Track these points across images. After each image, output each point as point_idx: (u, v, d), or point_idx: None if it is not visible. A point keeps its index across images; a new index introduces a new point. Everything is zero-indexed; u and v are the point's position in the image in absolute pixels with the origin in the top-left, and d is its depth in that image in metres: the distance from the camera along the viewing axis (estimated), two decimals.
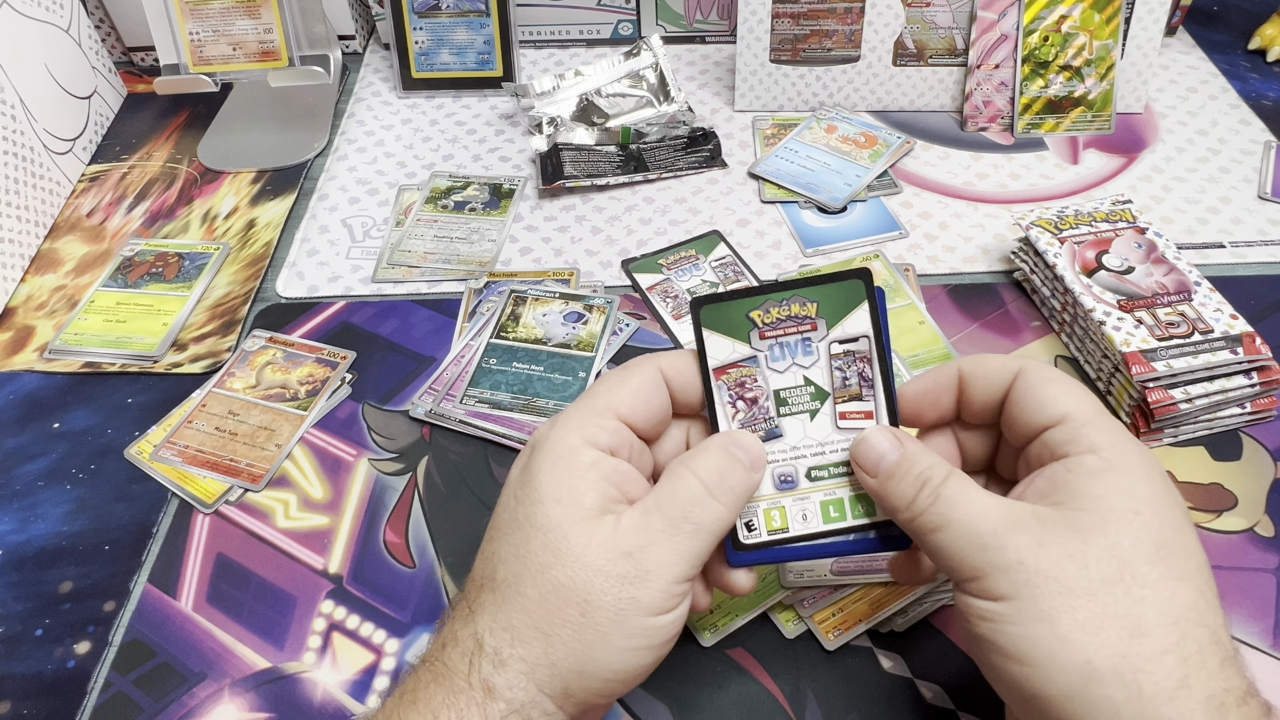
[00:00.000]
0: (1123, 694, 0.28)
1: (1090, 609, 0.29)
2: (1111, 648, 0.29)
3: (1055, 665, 0.29)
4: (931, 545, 0.33)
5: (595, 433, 0.35)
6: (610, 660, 0.33)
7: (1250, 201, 0.65)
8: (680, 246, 0.64)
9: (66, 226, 0.69)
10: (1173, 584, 0.30)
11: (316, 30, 0.78)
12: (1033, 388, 0.34)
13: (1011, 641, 0.30)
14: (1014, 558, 0.30)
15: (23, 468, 0.53)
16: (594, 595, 0.32)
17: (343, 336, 0.59)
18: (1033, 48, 0.69)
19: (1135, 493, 0.31)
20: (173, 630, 0.45)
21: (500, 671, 0.33)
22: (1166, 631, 0.29)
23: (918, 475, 0.33)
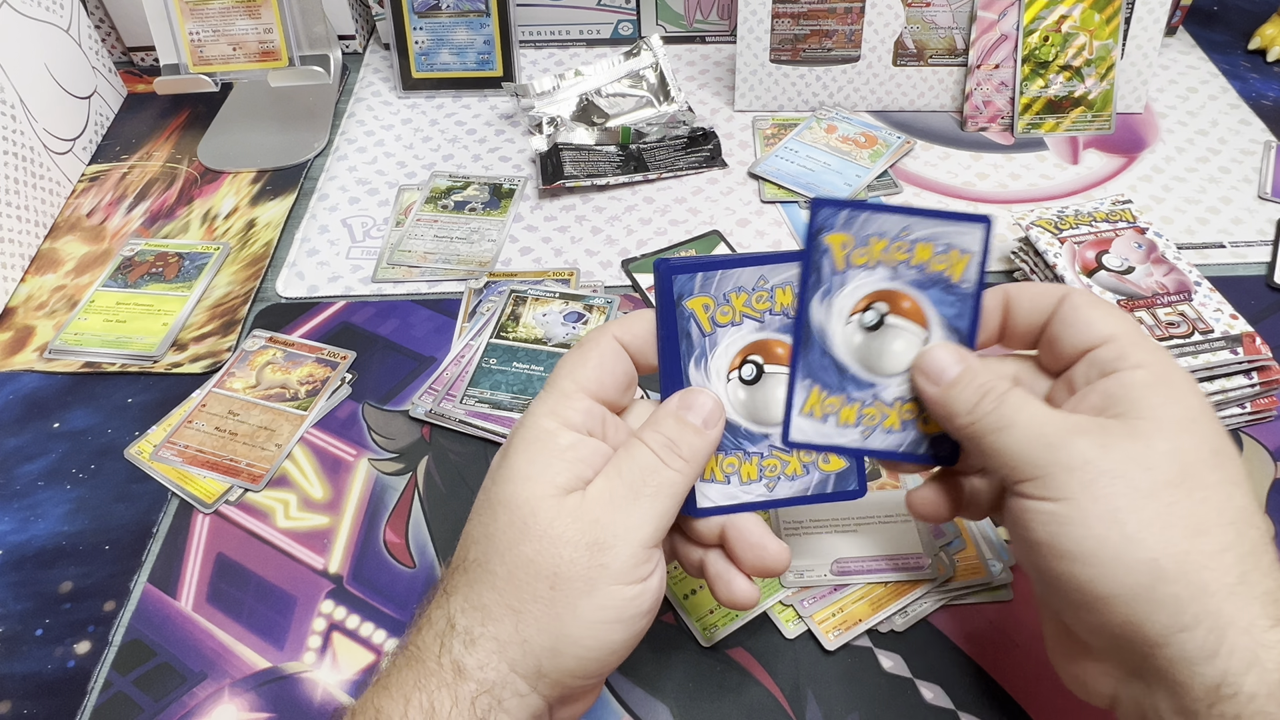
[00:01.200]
0: (1188, 590, 0.29)
1: (1155, 509, 0.30)
2: (1176, 546, 0.29)
3: (1122, 564, 0.29)
4: (991, 446, 0.33)
5: (570, 414, 0.34)
6: (582, 635, 0.33)
7: (1250, 201, 0.65)
8: (680, 246, 0.64)
9: (66, 226, 0.69)
10: (1229, 488, 0.30)
11: (316, 30, 0.78)
12: (1078, 308, 0.35)
13: (1077, 542, 0.30)
14: (1080, 457, 0.31)
15: (23, 468, 0.53)
16: (562, 567, 0.32)
17: (343, 336, 0.59)
18: (1033, 48, 0.70)
19: (1189, 403, 0.32)
20: (173, 630, 0.45)
21: (471, 651, 0.33)
22: (1224, 531, 0.30)
23: (980, 384, 0.34)
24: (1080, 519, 0.30)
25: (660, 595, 0.34)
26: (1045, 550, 0.31)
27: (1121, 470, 0.30)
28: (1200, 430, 0.31)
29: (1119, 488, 0.30)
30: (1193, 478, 0.30)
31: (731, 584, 0.36)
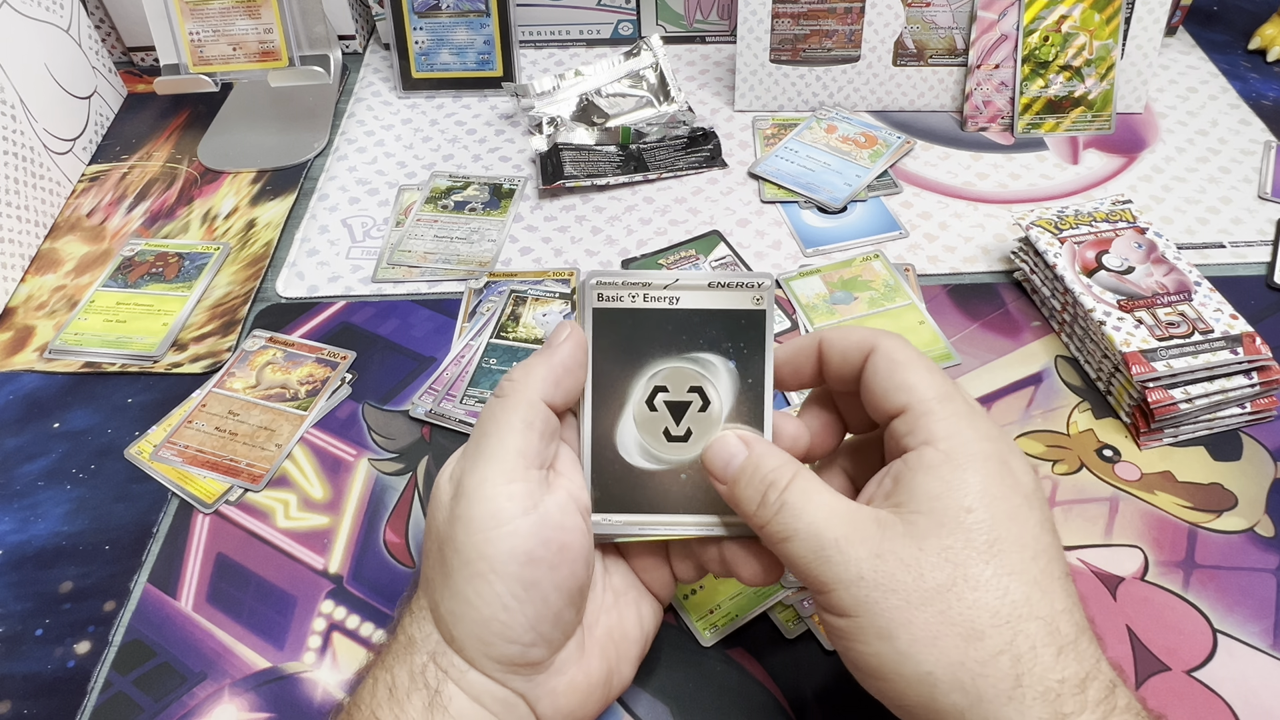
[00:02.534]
0: (965, 700, 0.29)
1: (926, 620, 0.29)
2: (949, 656, 0.29)
3: (901, 679, 0.30)
4: (783, 555, 0.33)
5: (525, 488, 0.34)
6: (464, 589, 0.33)
7: (1250, 201, 0.65)
8: (680, 246, 0.64)
9: (66, 226, 0.69)
10: (1005, 580, 0.30)
11: (316, 30, 0.78)
12: (879, 373, 0.34)
13: (861, 658, 0.31)
14: (854, 572, 0.30)
15: (23, 468, 0.53)
16: (440, 529, 0.34)
17: (343, 336, 0.59)
18: (1033, 48, 0.70)
19: (968, 487, 0.31)
20: (173, 630, 0.45)
21: (415, 620, 0.35)
22: (999, 633, 0.29)
23: (763, 479, 0.33)
24: (861, 635, 0.31)
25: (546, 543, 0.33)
26: (846, 662, 0.32)
27: (894, 583, 0.30)
28: (975, 520, 0.30)
29: (892, 602, 0.30)
30: (964, 578, 0.30)
31: (753, 561, 0.36)
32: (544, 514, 0.33)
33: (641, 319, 0.36)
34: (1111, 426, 0.52)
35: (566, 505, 0.34)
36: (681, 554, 0.39)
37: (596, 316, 0.36)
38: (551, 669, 0.35)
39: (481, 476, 0.33)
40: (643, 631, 0.39)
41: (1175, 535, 0.47)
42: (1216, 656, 0.42)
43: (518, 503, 0.33)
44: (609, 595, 0.38)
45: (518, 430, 0.34)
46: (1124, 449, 0.50)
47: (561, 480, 0.35)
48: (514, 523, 0.33)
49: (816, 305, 0.59)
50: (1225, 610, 0.44)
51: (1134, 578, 0.45)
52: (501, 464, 0.33)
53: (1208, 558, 0.46)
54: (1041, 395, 0.53)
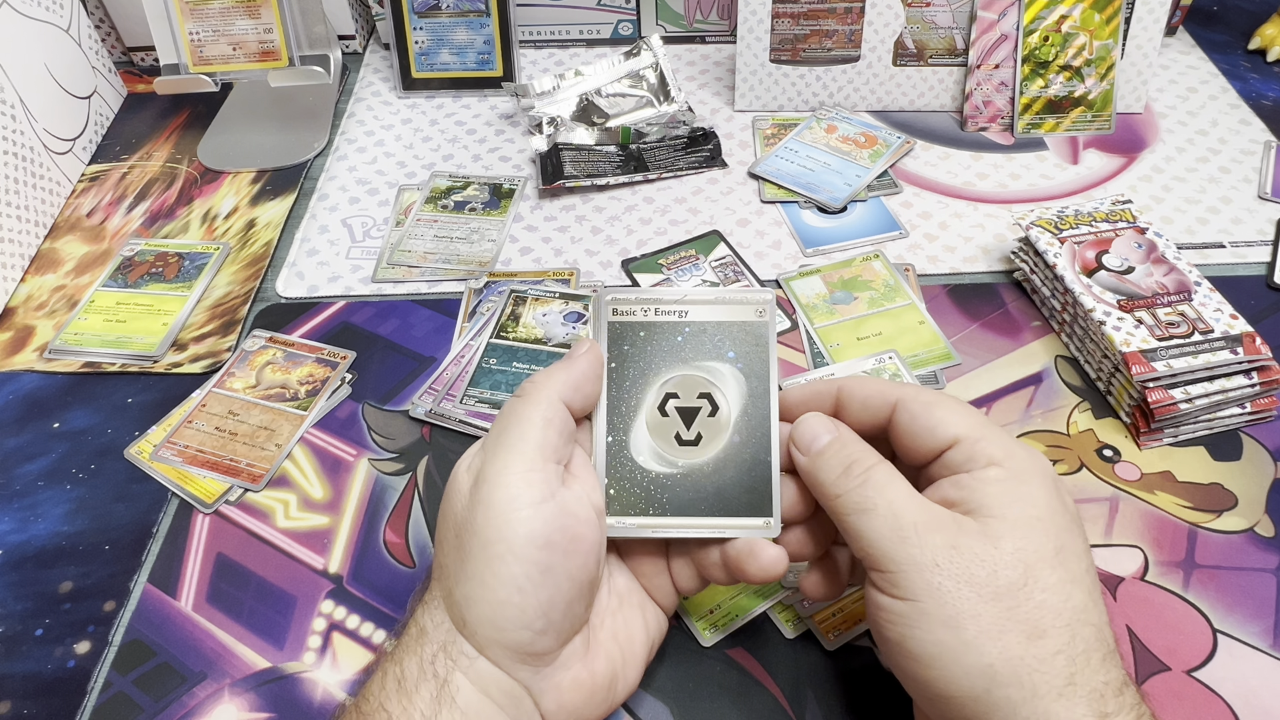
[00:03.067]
0: (1020, 694, 0.30)
1: (994, 614, 0.31)
2: (1012, 651, 0.31)
3: (960, 668, 0.31)
4: (853, 528, 0.34)
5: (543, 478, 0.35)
6: (480, 572, 0.34)
7: (1250, 201, 0.65)
8: (680, 246, 0.64)
9: (66, 226, 0.69)
10: (1068, 587, 0.32)
11: (316, 30, 0.78)
12: (917, 417, 0.36)
13: (920, 645, 0.32)
14: (930, 557, 0.32)
15: (23, 468, 0.53)
16: (459, 513, 0.35)
17: (343, 336, 0.59)
18: (1033, 48, 0.70)
19: (1036, 499, 0.33)
20: (173, 630, 0.45)
21: (428, 611, 0.36)
22: (1059, 634, 0.31)
23: (847, 455, 0.35)
24: (924, 623, 0.31)
25: (562, 529, 0.34)
26: (895, 649, 0.33)
27: (968, 575, 0.31)
28: (1044, 528, 0.32)
29: (963, 593, 0.31)
30: (1034, 579, 0.31)
31: (758, 556, 0.37)
32: (561, 503, 0.35)
33: (653, 331, 0.39)
34: (1111, 426, 0.52)
35: (581, 499, 0.36)
36: (682, 561, 0.40)
37: (611, 329, 0.39)
38: (557, 663, 0.36)
39: (503, 465, 0.34)
40: (647, 636, 0.39)
41: (1175, 535, 0.47)
42: (1216, 656, 0.42)
43: (537, 489, 0.34)
44: (613, 599, 0.39)
45: (538, 425, 0.35)
46: (1124, 449, 0.50)
47: (576, 479, 0.37)
48: (533, 507, 0.34)
49: (816, 305, 0.59)
50: (1225, 610, 0.44)
51: (1134, 578, 0.45)
52: (522, 455, 0.35)
53: (1208, 558, 0.46)
54: (1041, 395, 0.53)
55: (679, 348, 0.39)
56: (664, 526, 0.38)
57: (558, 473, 0.35)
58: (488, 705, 0.34)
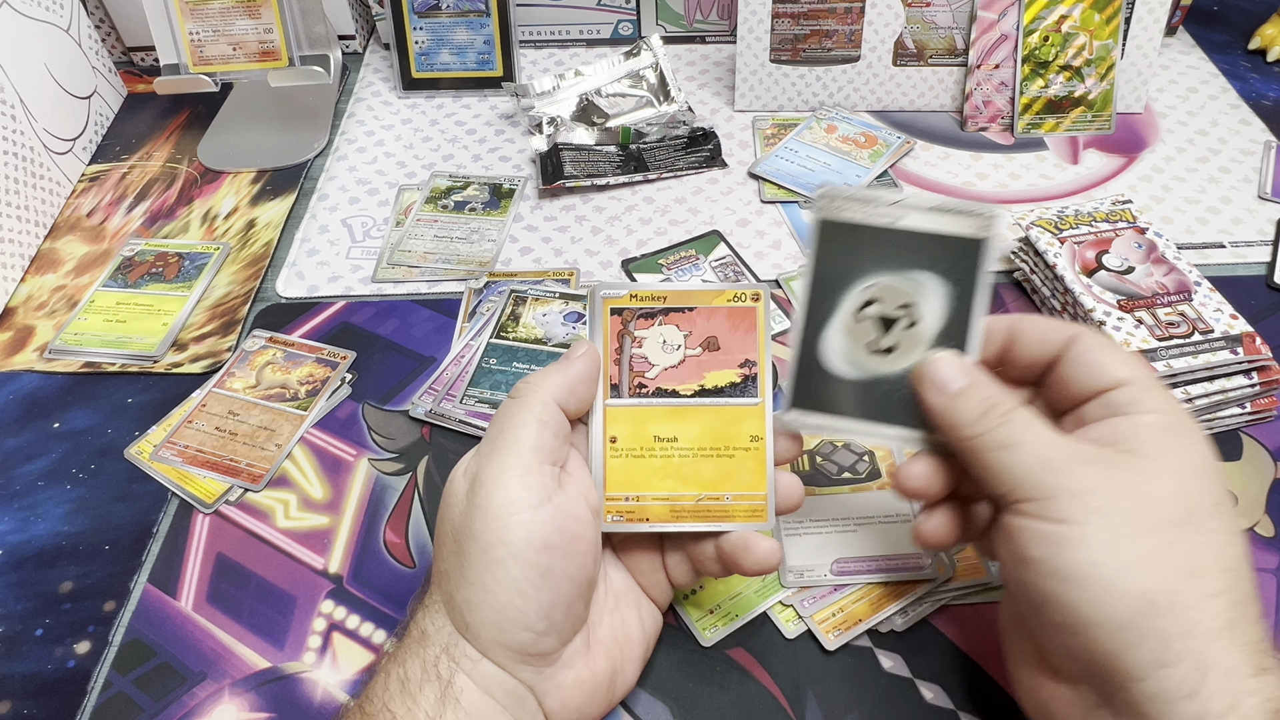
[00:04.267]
0: (1175, 628, 0.29)
1: (1155, 545, 0.30)
2: (1170, 583, 0.29)
3: (1115, 591, 0.30)
4: (994, 462, 0.33)
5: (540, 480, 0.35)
6: (481, 576, 0.34)
7: (1250, 201, 0.65)
8: (680, 246, 0.64)
9: (66, 226, 0.69)
10: (1229, 536, 0.31)
11: (316, 30, 0.78)
12: (1092, 350, 0.35)
13: (1073, 564, 0.30)
14: (1087, 484, 0.31)
15: (23, 468, 0.53)
16: (456, 517, 0.35)
17: (343, 336, 0.59)
18: (1033, 48, 0.69)
19: (1197, 452, 0.32)
20: (173, 630, 0.45)
21: (429, 614, 0.36)
22: (1221, 576, 0.30)
23: (986, 397, 0.34)
24: (1080, 542, 0.30)
25: (561, 531, 0.34)
26: (1038, 567, 0.31)
27: (1127, 503, 0.31)
28: (1205, 479, 0.32)
29: (1123, 519, 0.30)
30: (1195, 522, 0.31)
31: (753, 549, 0.37)
32: (558, 505, 0.35)
33: (863, 234, 0.37)
34: None
35: (577, 500, 0.36)
36: (677, 556, 0.40)
37: (823, 228, 0.38)
38: (559, 663, 0.36)
39: (499, 469, 0.35)
40: (644, 633, 0.39)
41: None
42: None
43: (534, 492, 0.34)
44: (610, 598, 0.39)
45: (532, 427, 0.35)
46: None
47: (572, 479, 0.37)
48: (531, 510, 0.34)
49: None
50: None
51: None
52: (518, 458, 0.35)
53: None
54: None
55: (888, 253, 0.37)
56: (845, 428, 0.38)
57: (554, 474, 0.36)
58: (492, 705, 0.34)
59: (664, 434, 0.39)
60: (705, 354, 0.39)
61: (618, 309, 0.39)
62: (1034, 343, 0.37)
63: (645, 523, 0.38)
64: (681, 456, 0.39)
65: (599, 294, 0.39)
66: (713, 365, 0.39)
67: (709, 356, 0.39)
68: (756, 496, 0.39)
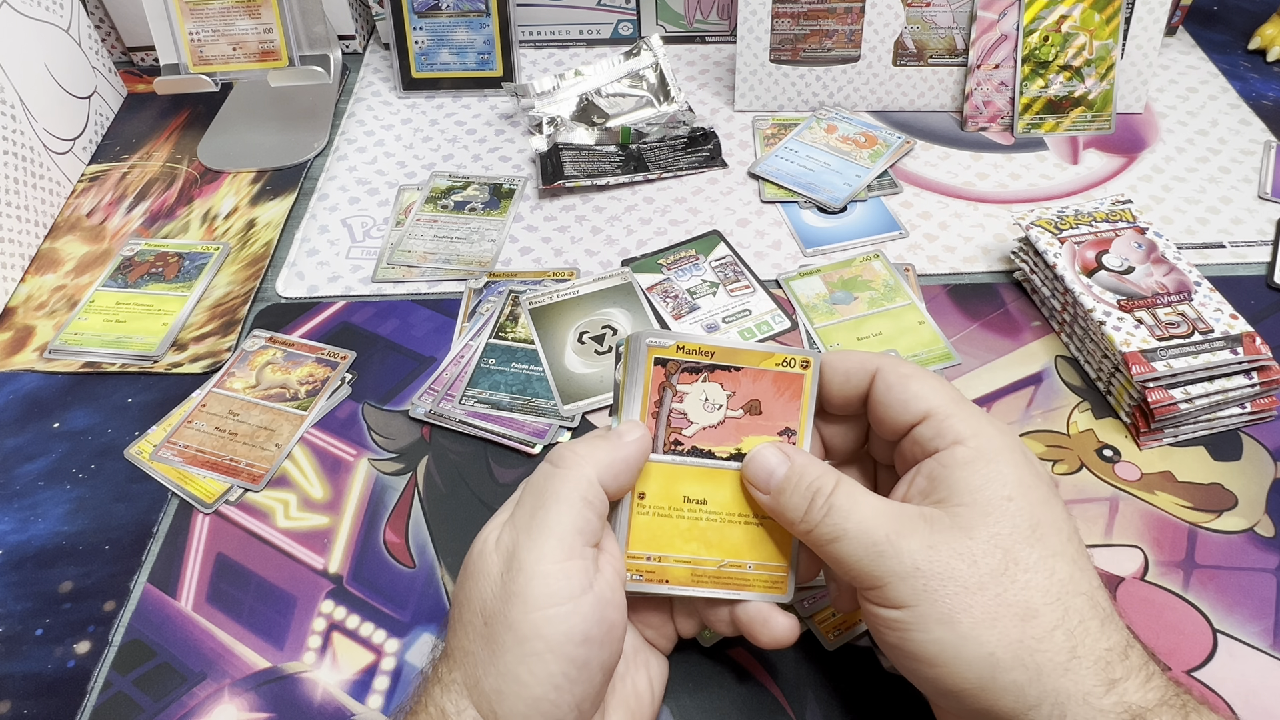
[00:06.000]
0: (1025, 675, 0.30)
1: (985, 603, 0.31)
2: (1009, 635, 0.31)
3: (963, 662, 0.31)
4: (831, 556, 0.34)
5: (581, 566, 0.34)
6: (513, 667, 0.32)
7: (1250, 201, 0.65)
8: (680, 246, 0.64)
9: (66, 226, 0.69)
10: (1050, 561, 0.32)
11: (316, 30, 0.78)
12: (892, 387, 0.36)
13: (920, 646, 0.32)
14: (910, 564, 0.32)
15: (23, 468, 0.53)
16: (487, 601, 0.33)
17: (343, 336, 0.59)
18: (1033, 48, 0.69)
19: (1005, 478, 0.33)
20: (173, 630, 0.45)
21: (448, 695, 0.33)
22: (1052, 609, 0.31)
23: (807, 486, 0.35)
24: (920, 624, 0.31)
25: (600, 622, 0.33)
26: (897, 652, 0.33)
27: (949, 571, 0.31)
28: (1017, 507, 0.32)
29: (949, 589, 0.31)
30: (1015, 561, 0.31)
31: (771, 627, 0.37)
32: (598, 593, 0.33)
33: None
34: (1111, 426, 0.52)
35: (614, 583, 0.35)
36: (685, 612, 0.40)
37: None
38: None
39: (540, 553, 0.33)
40: (653, 692, 0.39)
41: (1175, 535, 0.47)
42: (1216, 656, 0.42)
43: (576, 581, 0.33)
44: (621, 664, 0.38)
45: (577, 507, 0.34)
46: (1124, 449, 0.50)
47: (607, 559, 0.35)
48: (573, 602, 0.32)
49: (816, 305, 0.59)
50: (1225, 610, 0.44)
51: (1134, 578, 0.45)
52: (560, 540, 0.33)
53: (1208, 558, 0.46)
54: (1041, 395, 0.53)
55: None
56: None
57: (593, 557, 0.34)
58: None
59: (694, 495, 0.37)
60: (746, 417, 0.38)
61: (662, 360, 0.37)
62: (841, 383, 0.37)
63: (665, 584, 0.37)
64: (709, 520, 0.37)
65: (644, 341, 0.37)
66: (752, 430, 0.38)
67: (750, 420, 0.38)
68: (779, 568, 0.38)
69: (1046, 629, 0.31)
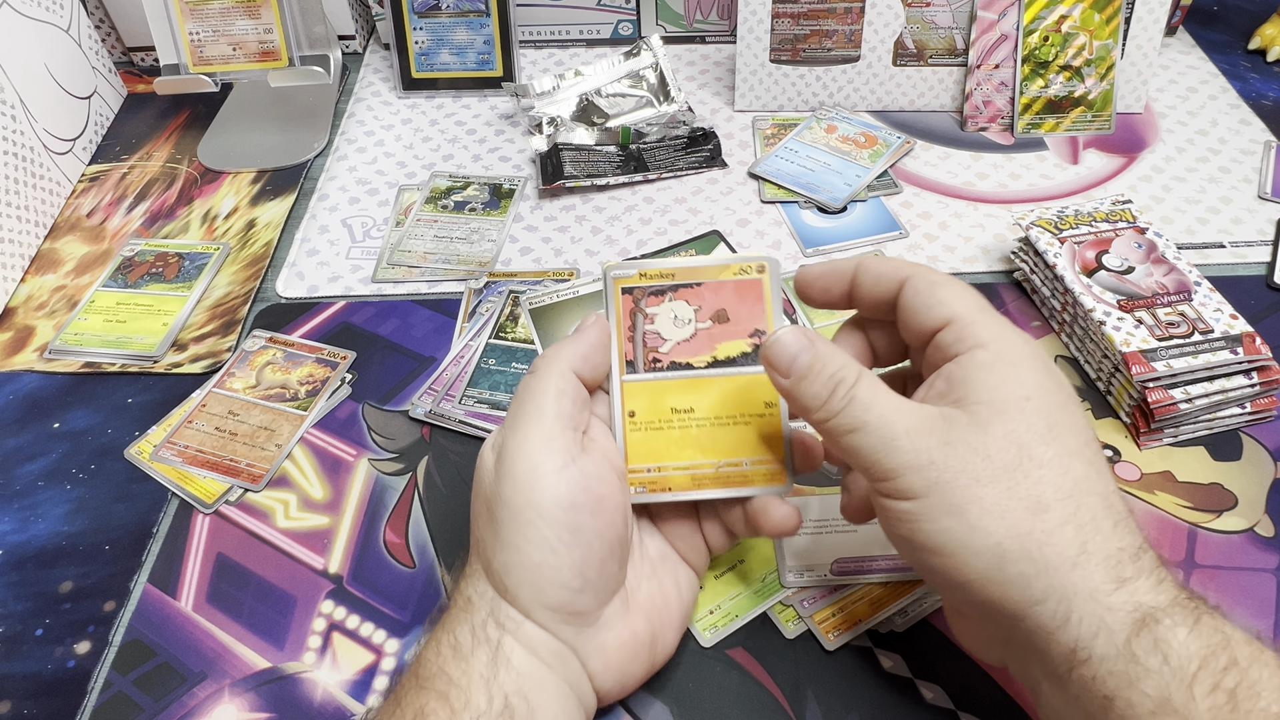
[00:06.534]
0: (1033, 568, 0.31)
1: (995, 495, 0.31)
2: (1017, 527, 0.31)
3: (970, 552, 0.31)
4: (846, 446, 0.34)
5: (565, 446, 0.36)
6: (514, 538, 0.35)
7: (1250, 201, 0.65)
8: (680, 246, 0.64)
9: (66, 226, 0.69)
10: (1066, 460, 0.32)
11: (316, 30, 0.78)
12: (919, 293, 0.36)
13: (929, 536, 0.32)
14: (925, 458, 0.32)
15: (23, 468, 0.53)
16: (486, 488, 0.37)
17: (343, 336, 0.59)
18: (1033, 48, 0.70)
19: (1024, 380, 0.33)
20: (173, 630, 0.45)
21: (470, 582, 0.37)
22: (1063, 505, 0.31)
23: (830, 376, 0.35)
24: (930, 514, 0.32)
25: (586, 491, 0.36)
26: (907, 544, 0.33)
27: (963, 464, 0.32)
28: (1035, 407, 0.32)
29: (961, 481, 0.31)
30: (1029, 457, 0.32)
31: (770, 514, 0.39)
32: (582, 467, 0.36)
33: None
34: (1111, 426, 0.52)
35: (601, 463, 0.37)
36: (712, 522, 0.41)
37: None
38: (599, 624, 0.37)
39: (523, 437, 0.36)
40: (681, 599, 0.41)
41: (1175, 535, 0.47)
42: None
43: (558, 456, 0.36)
44: (646, 564, 0.40)
45: (551, 396, 0.37)
46: (1124, 449, 0.50)
47: (595, 444, 0.38)
48: (556, 474, 0.35)
49: None
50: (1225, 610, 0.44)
51: None
52: (540, 426, 0.36)
53: (1208, 558, 0.46)
54: None
55: None
56: None
57: (576, 439, 0.37)
58: (539, 665, 0.36)
59: (680, 406, 0.40)
60: (716, 326, 0.40)
61: (628, 288, 0.40)
62: (872, 284, 0.38)
63: (668, 492, 0.39)
64: (699, 426, 0.40)
65: (610, 274, 0.40)
66: (724, 337, 0.40)
67: (719, 329, 0.40)
68: (774, 461, 0.40)
69: (1056, 523, 0.31)
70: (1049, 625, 0.31)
